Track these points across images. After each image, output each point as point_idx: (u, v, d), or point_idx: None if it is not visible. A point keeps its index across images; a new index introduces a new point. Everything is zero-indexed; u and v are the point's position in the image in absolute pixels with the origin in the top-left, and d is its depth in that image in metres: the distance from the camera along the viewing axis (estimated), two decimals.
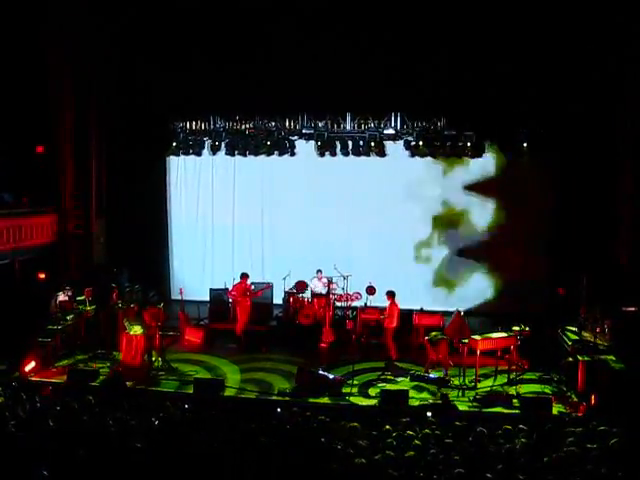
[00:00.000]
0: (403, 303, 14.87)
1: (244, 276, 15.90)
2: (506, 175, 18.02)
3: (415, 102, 16.76)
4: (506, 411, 11.63)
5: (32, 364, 13.14)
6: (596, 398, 11.50)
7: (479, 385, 12.91)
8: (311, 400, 12.11)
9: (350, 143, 18.20)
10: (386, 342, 14.52)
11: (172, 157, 19.38)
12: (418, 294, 17.76)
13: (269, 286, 16.78)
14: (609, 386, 11.61)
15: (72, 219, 17.76)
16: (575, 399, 12.03)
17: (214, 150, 18.88)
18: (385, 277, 16.43)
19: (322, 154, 18.36)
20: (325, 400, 12.22)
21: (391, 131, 17.99)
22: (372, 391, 12.78)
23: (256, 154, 18.67)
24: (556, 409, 11.61)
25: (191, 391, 12.43)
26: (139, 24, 16.79)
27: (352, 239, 18.54)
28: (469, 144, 17.53)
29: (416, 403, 11.95)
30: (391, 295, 14.45)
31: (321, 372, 13.08)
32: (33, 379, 12.86)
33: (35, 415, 8.76)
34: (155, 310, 14.48)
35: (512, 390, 12.55)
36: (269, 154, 18.68)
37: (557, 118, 16.56)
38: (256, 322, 16.18)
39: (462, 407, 11.84)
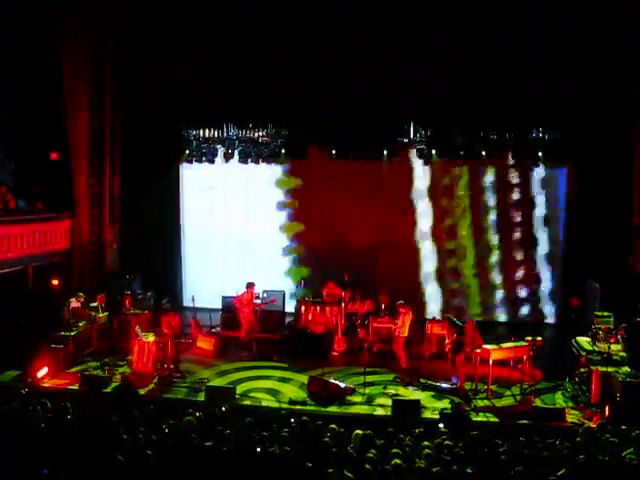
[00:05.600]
0: (417, 313, 14.87)
1: (250, 285, 15.97)
2: (520, 183, 17.93)
3: (428, 109, 16.73)
4: (520, 422, 11.56)
5: (44, 370, 13.17)
6: (610, 409, 11.40)
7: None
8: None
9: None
10: (397, 351, 14.46)
11: (185, 164, 19.42)
12: (432, 304, 17.73)
13: (275, 300, 16.78)
14: (623, 397, 11.51)
15: (85, 226, 17.83)
16: (589, 410, 11.94)
17: (227, 157, 18.91)
18: (402, 287, 16.41)
19: (335, 160, 18.35)
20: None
21: (404, 139, 17.95)
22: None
23: (269, 162, 18.71)
24: (570, 419, 11.53)
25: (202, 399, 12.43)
26: (153, 30, 16.88)
27: (368, 247, 18.42)
28: (483, 153, 17.50)
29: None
30: (403, 306, 14.42)
31: (333, 381, 13.04)
32: (45, 385, 12.90)
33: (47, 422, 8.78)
34: (172, 317, 14.52)
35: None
36: (282, 161, 18.72)
37: (572, 126, 16.50)
38: (268, 330, 16.23)
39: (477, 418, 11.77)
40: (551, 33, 15.42)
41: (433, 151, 17.78)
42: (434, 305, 18.30)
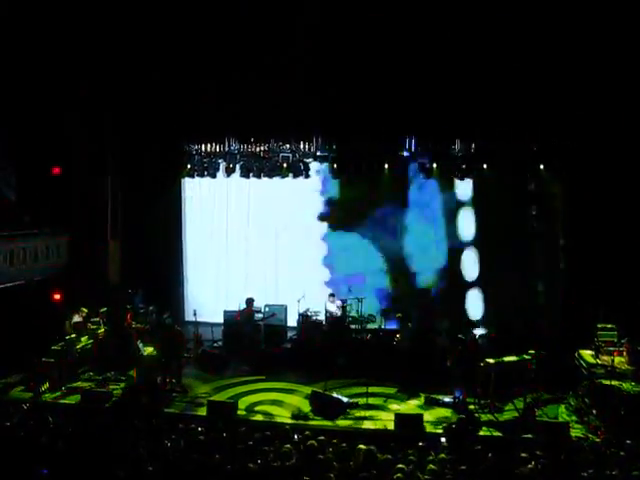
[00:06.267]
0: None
1: (250, 301, 16.01)
2: (520, 197, 17.87)
3: (428, 123, 16.71)
4: (523, 436, 11.48)
5: (45, 385, 13.14)
6: (614, 423, 11.32)
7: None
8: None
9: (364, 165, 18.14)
10: (399, 363, 14.42)
11: (187, 179, 19.41)
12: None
13: (274, 315, 16.85)
14: (627, 411, 11.43)
15: (87, 240, 17.83)
16: (593, 424, 11.86)
17: (229, 172, 18.90)
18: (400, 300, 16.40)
19: (337, 176, 18.36)
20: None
21: (405, 153, 17.95)
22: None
23: (270, 176, 18.72)
24: (574, 434, 11.45)
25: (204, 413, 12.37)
26: (154, 46, 16.89)
27: (368, 261, 18.36)
28: (485, 166, 17.45)
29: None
30: (401, 318, 14.39)
31: (335, 395, 12.98)
32: (46, 400, 12.86)
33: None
34: (174, 332, 14.49)
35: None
36: (283, 177, 18.73)
37: (573, 130, 16.45)
38: (270, 345, 16.22)
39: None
40: (551, 33, 15.39)
41: (434, 165, 17.75)
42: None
